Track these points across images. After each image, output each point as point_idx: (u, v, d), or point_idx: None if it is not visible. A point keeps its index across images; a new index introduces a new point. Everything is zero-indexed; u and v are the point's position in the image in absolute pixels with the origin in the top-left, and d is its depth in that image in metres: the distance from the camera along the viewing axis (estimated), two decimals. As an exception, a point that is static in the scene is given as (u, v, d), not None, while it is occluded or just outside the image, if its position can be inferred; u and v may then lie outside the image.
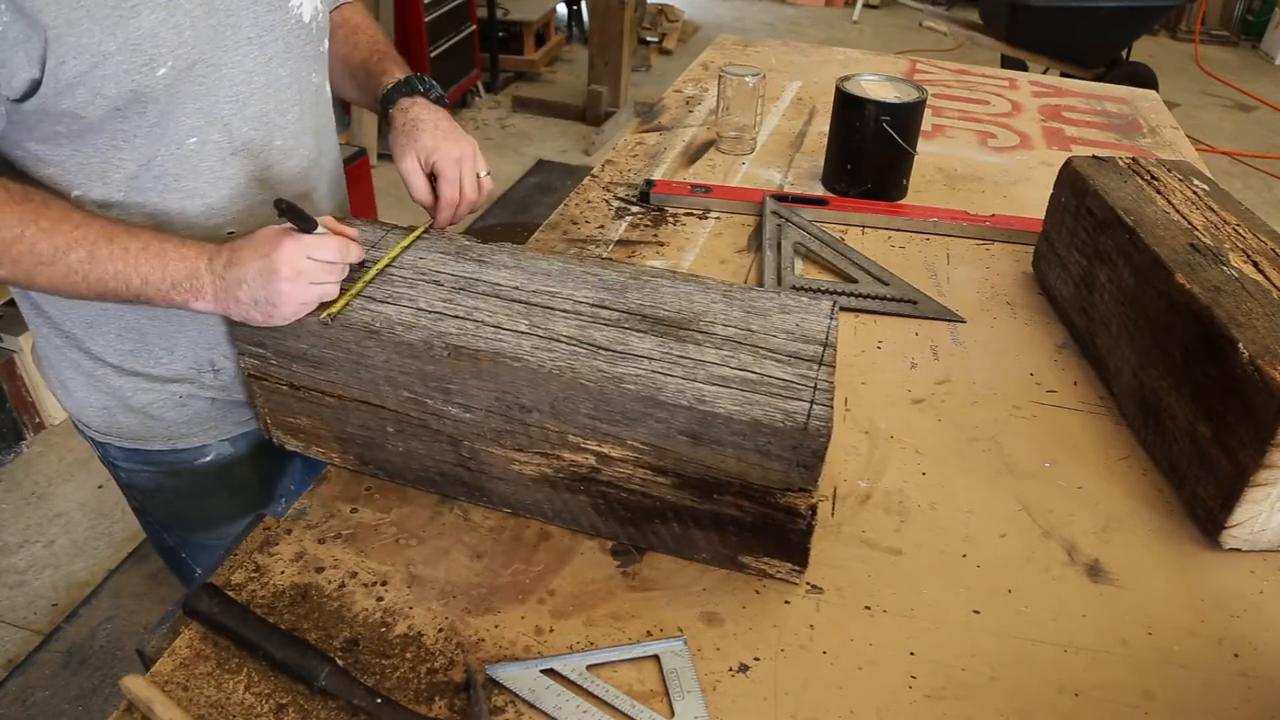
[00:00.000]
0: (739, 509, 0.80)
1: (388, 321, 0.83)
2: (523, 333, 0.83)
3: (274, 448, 1.00)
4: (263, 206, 0.96)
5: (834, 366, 0.82)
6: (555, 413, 0.80)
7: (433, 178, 1.02)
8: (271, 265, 0.80)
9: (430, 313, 0.85)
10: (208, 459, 1.07)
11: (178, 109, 0.85)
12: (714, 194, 1.50)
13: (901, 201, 1.54)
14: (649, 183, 1.52)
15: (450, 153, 1.01)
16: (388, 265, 0.91)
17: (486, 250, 0.96)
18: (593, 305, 0.88)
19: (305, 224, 0.82)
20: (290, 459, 1.14)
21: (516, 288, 0.90)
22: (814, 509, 0.79)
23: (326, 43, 1.04)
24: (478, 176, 1.04)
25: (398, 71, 1.08)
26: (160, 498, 1.11)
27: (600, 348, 0.82)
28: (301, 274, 0.81)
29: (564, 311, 0.87)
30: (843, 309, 1.20)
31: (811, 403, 0.77)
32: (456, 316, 0.85)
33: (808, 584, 0.84)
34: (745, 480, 0.78)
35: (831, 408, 0.76)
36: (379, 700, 0.70)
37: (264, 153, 0.96)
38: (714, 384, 0.78)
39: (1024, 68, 4.07)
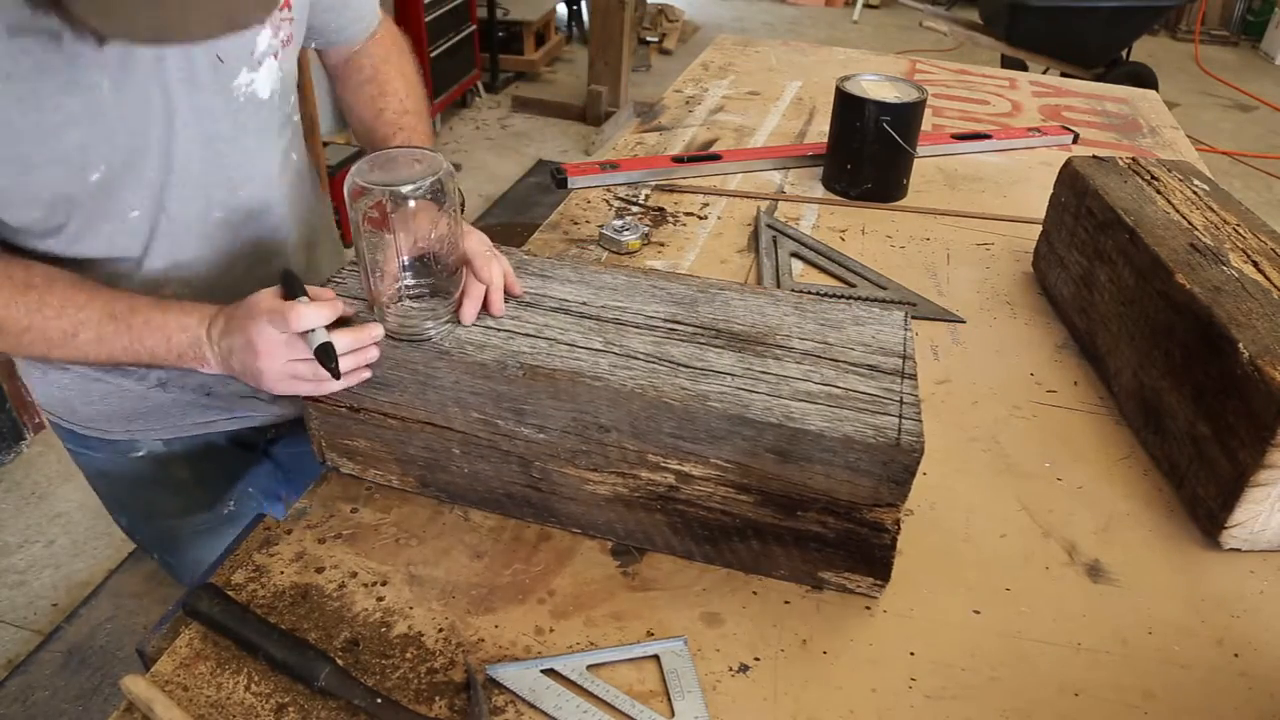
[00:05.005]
0: (823, 525, 0.79)
1: (457, 341, 0.81)
2: (598, 350, 0.81)
3: (217, 452, 0.97)
4: (243, 267, 0.96)
5: (916, 379, 0.81)
6: (635, 432, 0.78)
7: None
8: (249, 341, 0.78)
9: (500, 331, 0.83)
10: (140, 454, 1.07)
11: (114, 196, 0.84)
12: (621, 168, 1.55)
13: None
14: (561, 170, 1.54)
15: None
16: None
17: (548, 264, 0.93)
18: (665, 320, 0.86)
19: (292, 291, 0.79)
20: (243, 465, 1.14)
21: (584, 303, 0.87)
22: (899, 523, 0.77)
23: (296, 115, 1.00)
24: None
25: None
26: (103, 481, 1.13)
27: (680, 364, 0.80)
28: (276, 353, 0.78)
29: (637, 327, 0.85)
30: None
31: (900, 417, 0.76)
32: (527, 334, 0.83)
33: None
34: (832, 496, 0.77)
35: (921, 421, 0.75)
36: (379, 700, 0.70)
37: (221, 223, 0.94)
38: (800, 400, 0.77)
39: (1024, 68, 4.07)
